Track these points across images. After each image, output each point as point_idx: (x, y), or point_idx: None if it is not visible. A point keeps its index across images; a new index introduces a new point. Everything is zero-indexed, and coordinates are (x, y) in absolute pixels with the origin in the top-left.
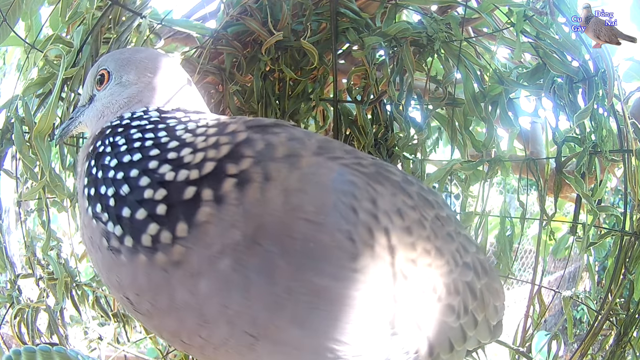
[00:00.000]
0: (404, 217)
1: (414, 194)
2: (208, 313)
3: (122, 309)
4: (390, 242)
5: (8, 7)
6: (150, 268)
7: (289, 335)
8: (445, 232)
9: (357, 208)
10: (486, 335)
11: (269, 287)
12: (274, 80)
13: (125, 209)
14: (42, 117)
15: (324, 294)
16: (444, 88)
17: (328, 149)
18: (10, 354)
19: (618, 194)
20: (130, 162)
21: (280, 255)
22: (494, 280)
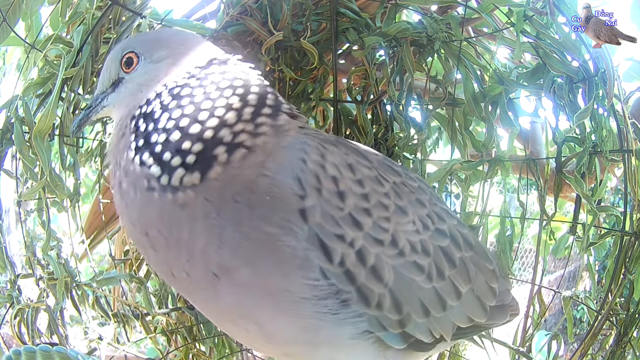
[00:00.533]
0: (355, 172)
1: (374, 159)
2: (194, 251)
3: (122, 309)
4: (338, 189)
5: (8, 7)
6: (173, 205)
7: (241, 274)
8: (413, 197)
9: (306, 160)
10: (479, 313)
11: (235, 234)
12: (274, 80)
13: (166, 153)
14: (42, 117)
15: (270, 240)
16: (444, 88)
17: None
18: (10, 354)
19: (618, 194)
20: (181, 114)
21: (246, 207)
22: (485, 259)
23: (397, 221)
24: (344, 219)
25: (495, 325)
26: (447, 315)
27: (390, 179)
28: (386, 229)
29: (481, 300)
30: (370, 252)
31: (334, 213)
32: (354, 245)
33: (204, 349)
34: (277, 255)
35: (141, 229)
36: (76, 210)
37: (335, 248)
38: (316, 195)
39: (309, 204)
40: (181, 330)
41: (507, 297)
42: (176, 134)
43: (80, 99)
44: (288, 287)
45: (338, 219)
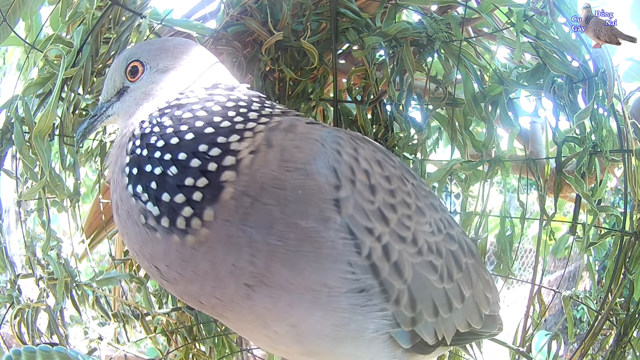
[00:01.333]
0: (384, 168)
1: (396, 160)
2: (222, 276)
3: (122, 309)
4: (370, 182)
5: (8, 7)
6: (182, 247)
7: (279, 277)
8: (428, 201)
9: (341, 152)
10: (476, 319)
11: (267, 238)
12: (274, 80)
13: (165, 194)
14: (42, 117)
15: (308, 236)
16: (444, 88)
17: (321, 124)
18: (10, 354)
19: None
20: (178, 143)
21: (276, 207)
22: (483, 269)
23: (417, 220)
24: (374, 212)
25: (486, 334)
26: (451, 317)
27: (410, 179)
28: (408, 227)
29: (478, 307)
30: (394, 248)
31: (365, 206)
32: (381, 239)
33: (204, 349)
34: (316, 250)
35: (147, 261)
36: (76, 210)
37: (364, 240)
38: (350, 186)
39: (343, 195)
40: (181, 330)
41: (497, 308)
42: (173, 169)
43: (80, 99)
44: (326, 282)
45: (369, 212)
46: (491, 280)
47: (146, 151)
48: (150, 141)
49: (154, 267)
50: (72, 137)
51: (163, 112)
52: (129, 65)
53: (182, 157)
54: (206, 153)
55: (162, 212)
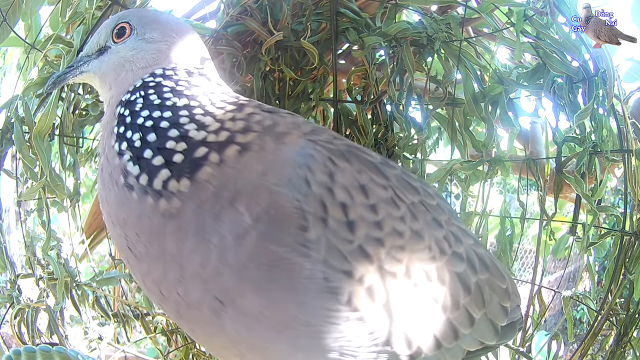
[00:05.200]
0: (369, 195)
1: (392, 176)
2: (187, 269)
3: (122, 309)
4: (348, 218)
5: (8, 7)
6: (154, 212)
7: (251, 304)
8: (430, 217)
9: (310, 180)
10: (490, 335)
11: (238, 253)
12: (274, 80)
13: (147, 150)
14: (42, 117)
15: (280, 263)
16: (444, 88)
17: (317, 132)
18: (10, 354)
19: (618, 194)
20: (160, 117)
21: (249, 220)
22: (499, 279)
23: (412, 249)
24: (353, 252)
25: (504, 343)
26: (458, 345)
27: (407, 198)
28: (400, 260)
29: (493, 323)
30: (381, 288)
31: (341, 247)
32: (364, 281)
33: (204, 349)
34: (291, 279)
35: (120, 228)
36: (76, 210)
37: (341, 286)
38: (321, 226)
39: (312, 237)
40: (181, 330)
41: (517, 313)
42: (152, 135)
43: (80, 99)
44: (307, 320)
45: (346, 253)
46: (510, 284)
47: (130, 118)
48: (136, 108)
49: (124, 236)
50: (72, 137)
51: (148, 86)
52: (117, 25)
53: (164, 125)
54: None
55: (142, 170)
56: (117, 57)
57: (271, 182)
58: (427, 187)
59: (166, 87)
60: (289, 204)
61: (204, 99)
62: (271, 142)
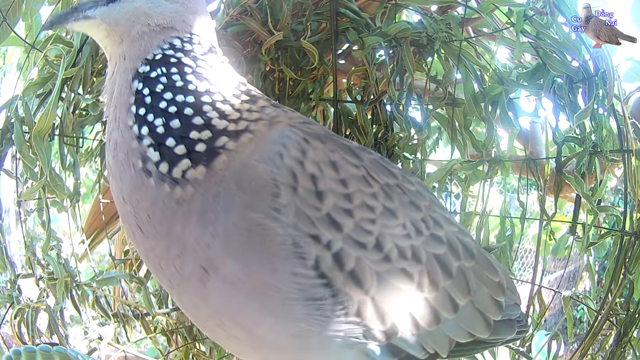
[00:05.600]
0: (339, 170)
1: (366, 158)
2: (187, 246)
3: (122, 309)
4: (317, 188)
5: (8, 7)
6: (169, 198)
7: (230, 270)
8: (407, 199)
9: (284, 155)
10: (481, 328)
11: (227, 223)
12: (274, 80)
13: (170, 139)
14: (42, 117)
15: (256, 228)
16: (444, 88)
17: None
18: (10, 354)
19: (618, 194)
20: (184, 102)
21: (236, 191)
22: (489, 270)
23: (383, 224)
24: (321, 219)
25: (500, 341)
26: (441, 329)
27: (381, 179)
28: (370, 231)
29: (484, 314)
30: (350, 255)
31: (310, 213)
32: (331, 247)
33: (204, 349)
34: (265, 244)
35: (132, 207)
36: (76, 210)
37: (309, 249)
38: (291, 193)
39: (283, 202)
40: (181, 330)
41: (514, 311)
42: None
43: (80, 99)
44: (277, 285)
45: (314, 219)
46: (505, 279)
47: (150, 99)
48: (157, 89)
49: (134, 216)
50: (72, 137)
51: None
52: None
53: (188, 112)
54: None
55: (162, 157)
56: (132, 7)
57: (254, 158)
58: (407, 175)
59: (188, 67)
60: (265, 175)
61: (221, 84)
62: (265, 129)
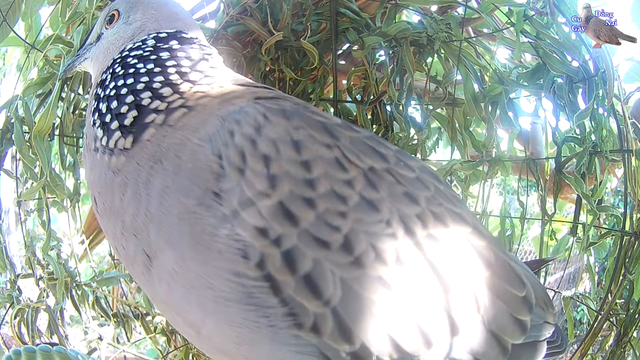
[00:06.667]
0: (302, 151)
1: (345, 137)
2: (126, 222)
3: (122, 309)
4: (269, 171)
5: (8, 7)
6: (107, 168)
7: (166, 257)
8: (400, 190)
9: (235, 132)
10: (494, 354)
11: (159, 206)
12: (274, 80)
13: (108, 115)
14: (42, 117)
15: (187, 217)
16: (444, 88)
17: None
18: (10, 354)
19: (618, 194)
20: (123, 84)
21: (172, 174)
22: (511, 283)
23: (358, 219)
24: (270, 208)
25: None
26: (435, 356)
27: (364, 163)
28: (336, 227)
29: (498, 337)
30: (305, 256)
31: (257, 200)
32: (281, 244)
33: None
34: (194, 235)
35: (92, 190)
36: (76, 210)
37: (253, 244)
38: (236, 176)
39: (226, 186)
40: None
41: (543, 331)
42: (114, 102)
43: (80, 99)
44: (210, 281)
45: (262, 208)
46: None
47: (103, 91)
48: (106, 83)
49: (93, 196)
50: (72, 137)
51: (115, 61)
52: (109, 13)
53: (123, 91)
54: (141, 92)
55: (104, 133)
56: (105, 42)
57: (197, 136)
58: (407, 159)
59: (132, 57)
60: (204, 156)
61: (171, 62)
62: (217, 104)
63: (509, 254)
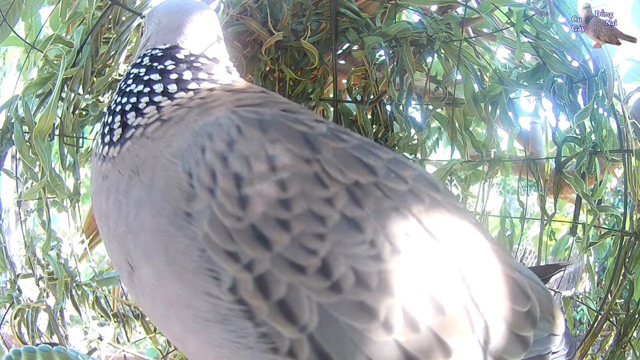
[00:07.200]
0: (277, 167)
1: (328, 149)
2: (110, 227)
3: (122, 309)
4: (240, 191)
5: (8, 7)
6: (99, 173)
7: (145, 270)
8: (388, 205)
9: (206, 148)
10: None
11: (136, 218)
12: (274, 80)
13: (106, 128)
14: (42, 117)
15: (160, 234)
16: (444, 88)
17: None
18: (10, 354)
19: (618, 195)
20: (118, 102)
21: (146, 188)
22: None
23: (337, 240)
24: (241, 231)
25: None
26: None
27: (347, 178)
28: (313, 251)
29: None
30: (279, 281)
31: (227, 223)
32: (253, 268)
33: None
34: (169, 253)
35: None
36: (76, 210)
37: (224, 268)
38: (207, 197)
39: (197, 207)
40: None
41: (548, 344)
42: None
43: (80, 99)
44: (187, 300)
45: (232, 231)
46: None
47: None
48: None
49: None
50: (72, 137)
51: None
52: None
53: (117, 109)
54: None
55: (101, 141)
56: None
57: (169, 151)
58: (400, 168)
59: (130, 76)
60: (176, 175)
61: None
62: (195, 115)
63: (513, 263)
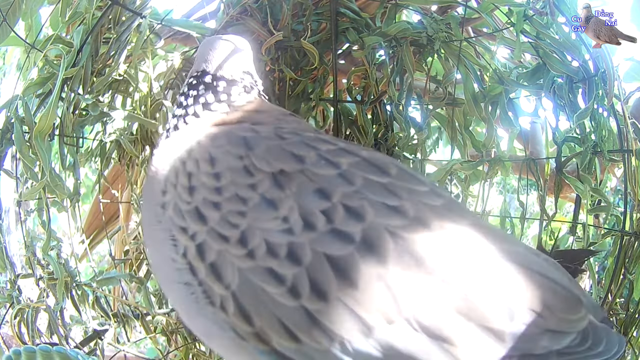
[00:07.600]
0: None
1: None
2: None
3: (122, 309)
4: (190, 184)
5: (8, 7)
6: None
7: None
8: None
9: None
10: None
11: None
12: (274, 80)
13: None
14: (42, 117)
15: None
16: (444, 88)
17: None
18: (10, 354)
19: (618, 194)
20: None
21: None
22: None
23: (256, 217)
24: (189, 212)
25: None
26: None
27: (272, 167)
28: (235, 225)
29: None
30: (211, 248)
31: (182, 207)
32: (195, 238)
33: (204, 349)
34: (153, 237)
35: None
36: (76, 210)
37: (179, 239)
38: (172, 190)
39: (167, 199)
40: (181, 330)
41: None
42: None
43: (80, 99)
44: (162, 266)
45: (184, 212)
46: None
47: None
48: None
49: None
50: (72, 137)
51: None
52: None
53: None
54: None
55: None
56: None
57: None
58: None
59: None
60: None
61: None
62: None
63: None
